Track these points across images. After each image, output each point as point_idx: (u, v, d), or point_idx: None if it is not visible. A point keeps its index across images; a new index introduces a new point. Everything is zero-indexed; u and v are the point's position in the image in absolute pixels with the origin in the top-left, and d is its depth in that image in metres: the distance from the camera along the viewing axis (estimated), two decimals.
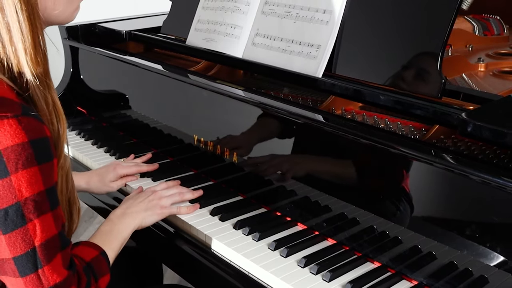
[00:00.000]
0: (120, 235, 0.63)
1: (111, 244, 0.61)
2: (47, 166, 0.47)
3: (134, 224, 0.66)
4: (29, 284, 0.48)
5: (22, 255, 0.47)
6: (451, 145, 0.63)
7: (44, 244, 0.48)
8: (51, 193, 0.48)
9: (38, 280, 0.48)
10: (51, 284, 0.48)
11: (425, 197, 0.59)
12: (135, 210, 0.67)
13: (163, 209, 0.70)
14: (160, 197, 0.70)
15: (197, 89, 0.83)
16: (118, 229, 0.64)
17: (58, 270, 0.49)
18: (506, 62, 0.84)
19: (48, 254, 0.48)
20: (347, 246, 0.65)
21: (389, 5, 0.70)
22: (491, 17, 0.98)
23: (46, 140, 0.48)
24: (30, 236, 0.47)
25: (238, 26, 0.85)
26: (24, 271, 0.47)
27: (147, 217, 0.68)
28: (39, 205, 0.47)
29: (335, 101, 0.75)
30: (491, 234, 0.53)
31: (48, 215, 0.48)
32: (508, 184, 0.50)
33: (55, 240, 0.49)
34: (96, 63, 1.06)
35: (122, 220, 0.65)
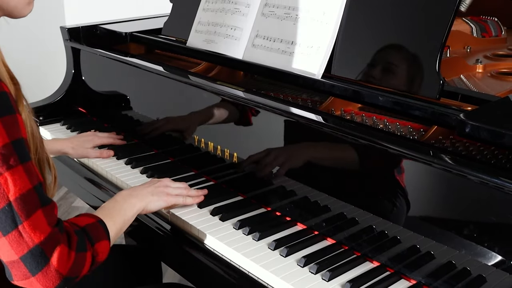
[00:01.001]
0: (123, 213, 0.62)
1: (112, 218, 0.59)
2: (9, 118, 0.47)
3: (139, 206, 0.65)
4: (13, 242, 0.47)
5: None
6: (449, 145, 0.63)
7: (19, 198, 0.47)
8: (18, 146, 0.47)
9: (20, 237, 0.47)
10: (36, 242, 0.48)
11: (423, 197, 0.59)
12: (142, 193, 0.67)
13: (169, 196, 0.69)
14: (166, 185, 0.71)
15: (197, 90, 0.83)
16: (122, 207, 0.63)
17: (40, 226, 0.48)
18: (504, 64, 0.85)
19: (25, 209, 0.47)
20: (346, 246, 0.65)
21: (387, 7, 0.71)
22: (489, 19, 0.98)
23: (4, 94, 0.47)
24: (3, 190, 0.46)
25: (238, 28, 0.86)
26: (5, 228, 0.47)
27: (153, 202, 0.67)
28: (6, 158, 0.46)
29: (335, 102, 0.76)
30: (489, 234, 0.53)
31: (18, 168, 0.47)
32: (506, 184, 0.50)
33: (31, 195, 0.48)
34: (98, 64, 1.06)
35: (127, 200, 0.64)
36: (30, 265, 0.48)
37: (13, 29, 1.95)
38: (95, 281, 0.73)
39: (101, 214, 0.59)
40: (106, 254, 0.56)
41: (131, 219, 0.64)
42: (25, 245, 0.48)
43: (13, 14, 0.56)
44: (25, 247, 0.48)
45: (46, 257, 0.49)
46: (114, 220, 0.60)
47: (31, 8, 0.57)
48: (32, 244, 0.48)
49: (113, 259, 0.60)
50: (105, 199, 0.84)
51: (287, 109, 0.71)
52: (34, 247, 0.48)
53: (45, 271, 0.49)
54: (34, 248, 0.48)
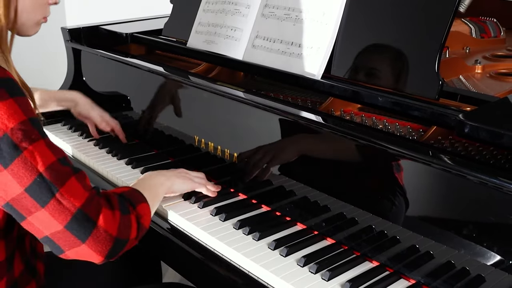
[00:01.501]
0: (153, 187, 0.62)
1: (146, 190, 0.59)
2: (21, 99, 0.48)
3: (167, 184, 0.66)
4: (54, 212, 0.46)
5: (32, 183, 0.46)
6: (448, 146, 0.63)
7: (49, 168, 0.47)
8: (35, 123, 0.48)
9: (60, 204, 0.46)
10: (78, 205, 0.47)
11: (422, 197, 0.59)
12: (168, 174, 0.69)
13: (193, 182, 0.71)
14: (187, 172, 0.73)
15: (197, 91, 0.84)
16: (151, 183, 0.63)
17: (78, 191, 0.48)
18: (503, 64, 0.85)
19: (58, 177, 0.47)
20: (346, 246, 0.65)
21: (387, 8, 0.71)
22: (488, 20, 0.98)
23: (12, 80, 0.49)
24: (31, 163, 0.46)
25: (239, 29, 0.86)
26: (42, 199, 0.46)
27: (178, 183, 0.69)
28: (27, 133, 0.47)
29: (334, 102, 0.76)
30: (488, 233, 0.53)
31: (40, 142, 0.48)
32: (505, 184, 0.50)
33: (59, 165, 0.48)
34: (98, 65, 1.07)
35: (154, 178, 0.65)
36: (77, 231, 0.47)
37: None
38: (95, 280, 0.73)
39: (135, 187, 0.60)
40: (149, 218, 0.55)
41: (161, 195, 0.64)
42: (67, 211, 0.46)
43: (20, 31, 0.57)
44: (68, 213, 0.46)
45: (92, 220, 0.47)
46: (148, 190, 0.60)
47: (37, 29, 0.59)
48: (74, 209, 0.47)
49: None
50: None
51: (287, 110, 0.71)
52: (77, 211, 0.47)
53: (94, 235, 0.47)
54: (77, 213, 0.47)
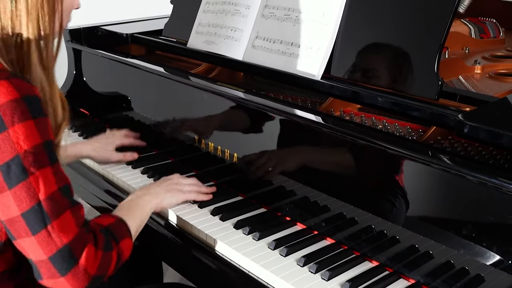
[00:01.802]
0: (139, 209, 0.63)
1: (130, 216, 0.61)
2: (41, 121, 0.49)
3: (154, 202, 0.67)
4: (42, 242, 0.48)
5: (30, 210, 0.47)
6: (448, 146, 0.63)
7: (49, 198, 0.48)
8: (48, 147, 0.49)
9: (49, 236, 0.48)
10: (65, 242, 0.48)
11: (422, 197, 0.59)
12: (156, 191, 0.69)
13: (183, 193, 0.71)
14: (178, 182, 0.73)
15: (198, 91, 0.84)
16: (137, 204, 0.64)
17: (69, 227, 0.49)
18: (502, 65, 0.85)
19: (55, 209, 0.48)
20: (345, 246, 0.65)
21: (387, 8, 0.71)
22: (487, 20, 0.99)
23: (37, 98, 0.50)
24: (33, 190, 0.48)
25: (239, 29, 0.86)
26: (35, 227, 0.48)
27: (167, 198, 0.69)
28: (38, 158, 0.48)
29: (334, 102, 0.76)
30: (487, 233, 0.53)
31: (47, 169, 0.49)
32: (504, 184, 0.51)
33: (60, 196, 0.49)
34: (99, 65, 1.07)
35: (142, 198, 0.66)
36: (59, 265, 0.49)
37: None
38: None
39: (120, 214, 0.60)
40: (130, 252, 0.57)
41: (147, 216, 0.65)
42: (54, 245, 0.48)
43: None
44: (53, 246, 0.48)
45: (75, 257, 0.49)
46: (132, 218, 0.61)
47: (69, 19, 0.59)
48: (61, 244, 0.49)
49: None
50: (106, 199, 0.85)
51: (287, 110, 0.71)
52: (63, 247, 0.49)
53: (74, 271, 0.49)
54: (63, 248, 0.49)
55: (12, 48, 0.50)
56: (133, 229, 0.60)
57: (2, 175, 0.47)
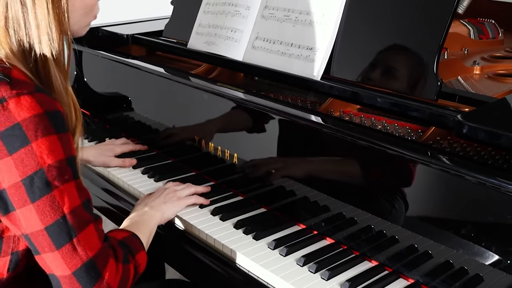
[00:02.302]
0: (147, 224, 0.64)
1: (140, 230, 0.61)
2: (64, 136, 0.49)
3: (157, 216, 0.67)
4: (66, 256, 0.47)
5: (54, 224, 0.47)
6: (447, 146, 0.64)
7: (73, 212, 0.48)
8: (71, 163, 0.49)
9: (74, 251, 0.48)
10: (90, 256, 0.48)
11: (421, 197, 0.60)
12: (155, 204, 0.69)
13: (181, 200, 0.72)
14: (174, 190, 0.73)
15: (198, 92, 0.84)
16: (143, 219, 0.65)
17: (93, 241, 0.49)
18: (501, 65, 0.85)
19: (79, 222, 0.48)
20: (345, 245, 0.66)
21: (386, 9, 0.71)
22: (486, 21, 0.99)
23: (60, 113, 0.50)
24: (58, 203, 0.47)
25: (239, 30, 0.86)
26: (59, 241, 0.47)
27: (168, 210, 0.69)
28: (62, 172, 0.48)
29: (334, 103, 0.77)
30: (486, 233, 0.54)
31: (71, 184, 0.49)
32: (503, 184, 0.51)
33: (83, 210, 0.49)
34: (100, 66, 1.07)
35: (146, 213, 0.66)
36: (83, 279, 0.48)
37: None
38: None
39: (130, 228, 0.61)
40: (145, 265, 0.57)
41: (154, 229, 0.66)
42: (79, 259, 0.48)
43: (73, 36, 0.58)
44: (78, 261, 0.48)
45: (99, 272, 0.49)
46: (142, 231, 0.62)
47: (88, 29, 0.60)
48: (86, 258, 0.48)
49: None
50: (107, 199, 0.85)
51: (287, 110, 0.71)
52: (88, 261, 0.48)
53: (98, 286, 0.49)
54: (88, 262, 0.48)
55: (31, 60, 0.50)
56: (144, 243, 0.60)
57: (25, 188, 0.47)
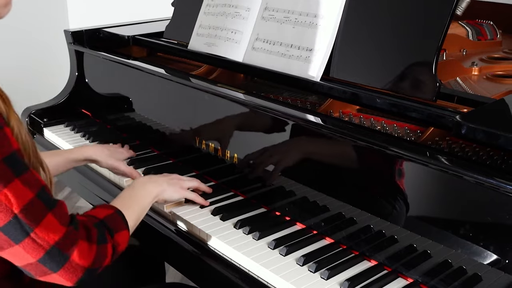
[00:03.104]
0: (141, 200, 0.63)
1: (131, 206, 0.60)
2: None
3: (155, 192, 0.67)
4: (28, 248, 0.48)
5: (7, 224, 0.47)
6: (445, 146, 0.64)
7: (24, 210, 0.48)
8: (10, 160, 0.48)
9: (35, 243, 0.48)
10: (52, 243, 0.48)
11: (420, 197, 0.60)
12: (158, 180, 0.69)
13: (183, 190, 0.72)
14: (179, 178, 0.73)
15: (198, 92, 0.84)
16: (139, 194, 0.64)
17: (54, 227, 0.49)
18: (499, 66, 0.86)
19: (33, 217, 0.48)
20: (344, 245, 0.66)
21: (385, 11, 0.72)
22: (485, 22, 0.99)
23: None
24: (6, 206, 0.47)
25: (239, 31, 0.87)
26: (17, 237, 0.48)
27: (168, 191, 0.69)
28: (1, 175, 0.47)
29: (333, 104, 0.77)
30: (485, 233, 0.54)
31: (16, 182, 0.48)
32: (501, 184, 0.51)
33: (35, 203, 0.49)
34: (101, 67, 1.08)
35: (144, 186, 0.66)
36: (49, 265, 0.49)
37: (19, 33, 1.96)
38: (98, 280, 0.74)
39: (119, 204, 0.60)
40: (126, 244, 0.57)
41: (148, 206, 0.65)
42: (41, 248, 0.48)
43: None
44: (41, 250, 0.48)
45: (65, 255, 0.49)
46: (132, 208, 0.61)
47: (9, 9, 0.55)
48: (48, 246, 0.49)
49: (117, 258, 0.61)
50: (108, 200, 0.86)
51: (287, 111, 0.72)
52: (50, 248, 0.49)
53: (66, 267, 0.49)
54: (51, 250, 0.49)
55: None
56: (132, 220, 0.59)
57: None
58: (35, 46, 1.99)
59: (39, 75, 2.00)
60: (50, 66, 2.02)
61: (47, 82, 1.94)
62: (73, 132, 1.06)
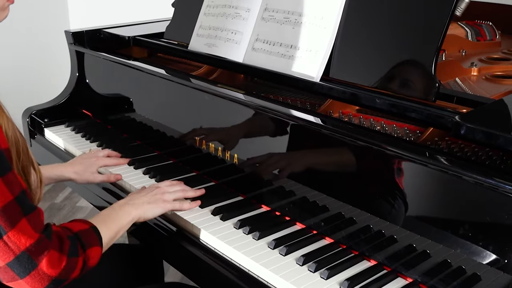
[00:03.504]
0: (118, 220, 0.64)
1: (107, 224, 0.61)
2: None
3: (134, 214, 0.66)
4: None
5: None
6: (445, 147, 0.64)
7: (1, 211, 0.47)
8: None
9: (6, 245, 0.48)
10: (23, 248, 0.48)
11: (419, 197, 0.60)
12: (138, 202, 0.69)
13: (166, 203, 0.71)
14: (163, 192, 0.72)
15: (199, 93, 0.85)
16: (117, 214, 0.64)
17: (27, 233, 0.49)
18: (498, 67, 0.86)
19: (8, 219, 0.48)
20: (344, 245, 0.66)
21: (384, 12, 0.72)
22: (484, 23, 1.00)
23: None
24: None
25: (239, 32, 0.87)
26: None
27: (150, 209, 0.69)
28: None
29: (333, 104, 0.77)
30: (484, 233, 0.54)
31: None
32: (500, 184, 0.51)
33: (13, 206, 0.49)
34: (101, 67, 1.08)
35: (122, 208, 0.66)
36: (17, 269, 0.49)
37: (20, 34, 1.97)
38: (98, 280, 0.74)
39: (96, 221, 0.61)
40: (98, 259, 0.58)
41: (126, 226, 0.65)
42: (11, 252, 0.49)
43: None
44: (11, 254, 0.49)
45: (34, 262, 0.50)
46: (108, 226, 0.61)
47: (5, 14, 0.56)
48: (18, 251, 0.49)
49: (116, 258, 0.61)
50: (109, 199, 0.86)
51: (287, 111, 0.72)
52: (20, 253, 0.49)
53: (33, 275, 0.50)
54: (21, 255, 0.49)
55: None
56: (106, 238, 0.60)
57: None
58: (36, 47, 2.00)
59: (40, 75, 2.01)
60: (51, 67, 2.03)
61: (48, 82, 1.94)
62: (74, 133, 1.06)
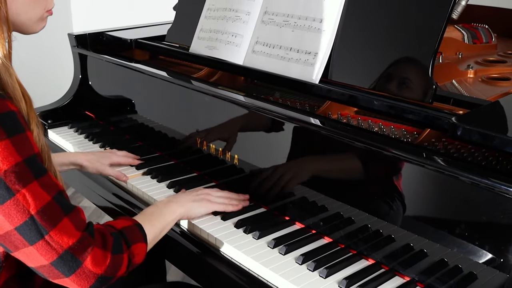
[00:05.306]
0: (162, 217, 0.64)
1: (151, 222, 0.61)
2: (18, 138, 0.48)
3: (180, 211, 0.67)
4: (42, 250, 0.48)
5: (23, 224, 0.48)
6: (441, 148, 0.65)
7: (41, 211, 0.48)
8: (31, 162, 0.49)
9: (48, 245, 0.48)
10: (65, 247, 0.49)
11: (417, 198, 0.61)
12: (183, 200, 0.69)
13: (211, 203, 0.71)
14: (208, 193, 0.73)
15: (199, 95, 0.85)
16: (161, 212, 0.64)
17: (69, 232, 0.49)
18: (494, 69, 0.86)
19: (49, 219, 0.49)
20: (342, 244, 0.67)
21: (382, 14, 0.73)
22: (480, 26, 1.01)
23: (13, 114, 0.48)
24: (23, 206, 0.47)
25: (239, 35, 0.88)
26: (31, 239, 0.48)
27: (195, 208, 0.69)
28: (21, 176, 0.47)
29: (331, 106, 0.78)
30: (480, 232, 0.55)
31: (34, 184, 0.48)
32: (496, 185, 0.52)
33: (52, 206, 0.49)
34: (104, 70, 1.09)
35: (167, 205, 0.66)
36: (61, 268, 0.50)
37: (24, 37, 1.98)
38: None
39: (140, 218, 0.61)
40: (143, 256, 0.58)
41: (171, 223, 0.65)
42: (54, 251, 0.49)
43: (23, 30, 0.56)
44: (54, 253, 0.49)
45: (78, 260, 0.50)
46: (152, 223, 0.61)
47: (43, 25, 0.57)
48: (61, 249, 0.49)
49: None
50: (111, 200, 0.87)
51: (286, 113, 0.73)
52: (63, 252, 0.49)
53: (78, 273, 0.50)
54: (64, 253, 0.49)
55: None
56: (151, 235, 0.60)
57: None
58: (40, 49, 2.02)
59: (43, 77, 2.03)
60: (54, 69, 2.04)
61: (51, 84, 1.96)
62: (77, 134, 1.07)
